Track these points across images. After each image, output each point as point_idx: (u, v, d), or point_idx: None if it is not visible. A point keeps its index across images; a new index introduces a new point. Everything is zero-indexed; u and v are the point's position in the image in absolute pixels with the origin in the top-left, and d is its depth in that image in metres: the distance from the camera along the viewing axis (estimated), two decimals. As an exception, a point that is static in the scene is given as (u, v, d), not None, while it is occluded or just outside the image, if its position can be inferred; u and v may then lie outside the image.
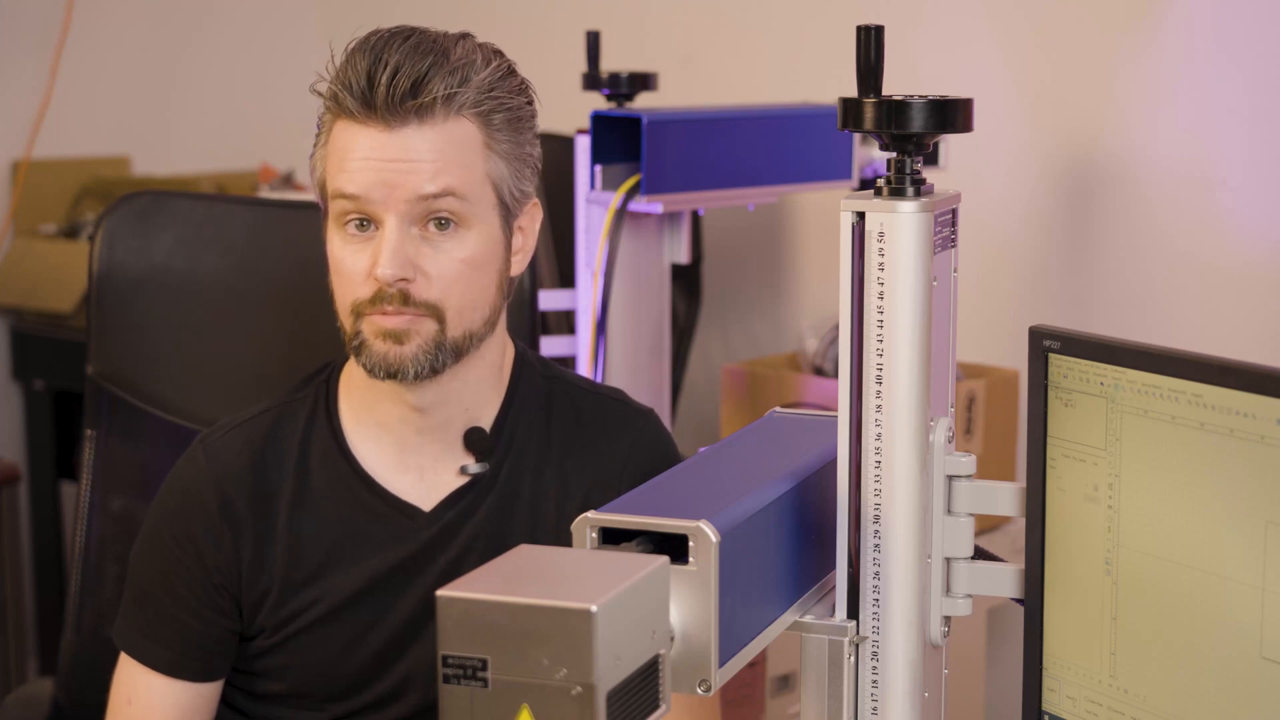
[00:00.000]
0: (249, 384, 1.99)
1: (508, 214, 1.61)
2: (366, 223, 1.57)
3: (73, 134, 3.78)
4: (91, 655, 1.96)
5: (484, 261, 1.59)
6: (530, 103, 1.63)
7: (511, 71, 1.62)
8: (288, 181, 3.75)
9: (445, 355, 1.58)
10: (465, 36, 1.60)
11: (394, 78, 1.53)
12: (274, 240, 2.04)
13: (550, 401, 1.72)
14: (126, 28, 3.88)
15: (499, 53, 1.61)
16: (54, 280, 3.53)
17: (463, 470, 1.66)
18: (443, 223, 1.56)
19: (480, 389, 1.66)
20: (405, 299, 1.55)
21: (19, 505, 3.59)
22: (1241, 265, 2.67)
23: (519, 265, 1.65)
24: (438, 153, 1.55)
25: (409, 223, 1.55)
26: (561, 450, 1.70)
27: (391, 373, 1.58)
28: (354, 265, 1.57)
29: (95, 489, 2.00)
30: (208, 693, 1.70)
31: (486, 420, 1.68)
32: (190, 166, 3.88)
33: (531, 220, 1.66)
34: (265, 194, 3.65)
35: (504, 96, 1.59)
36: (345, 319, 1.60)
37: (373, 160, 1.54)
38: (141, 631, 1.69)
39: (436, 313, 1.57)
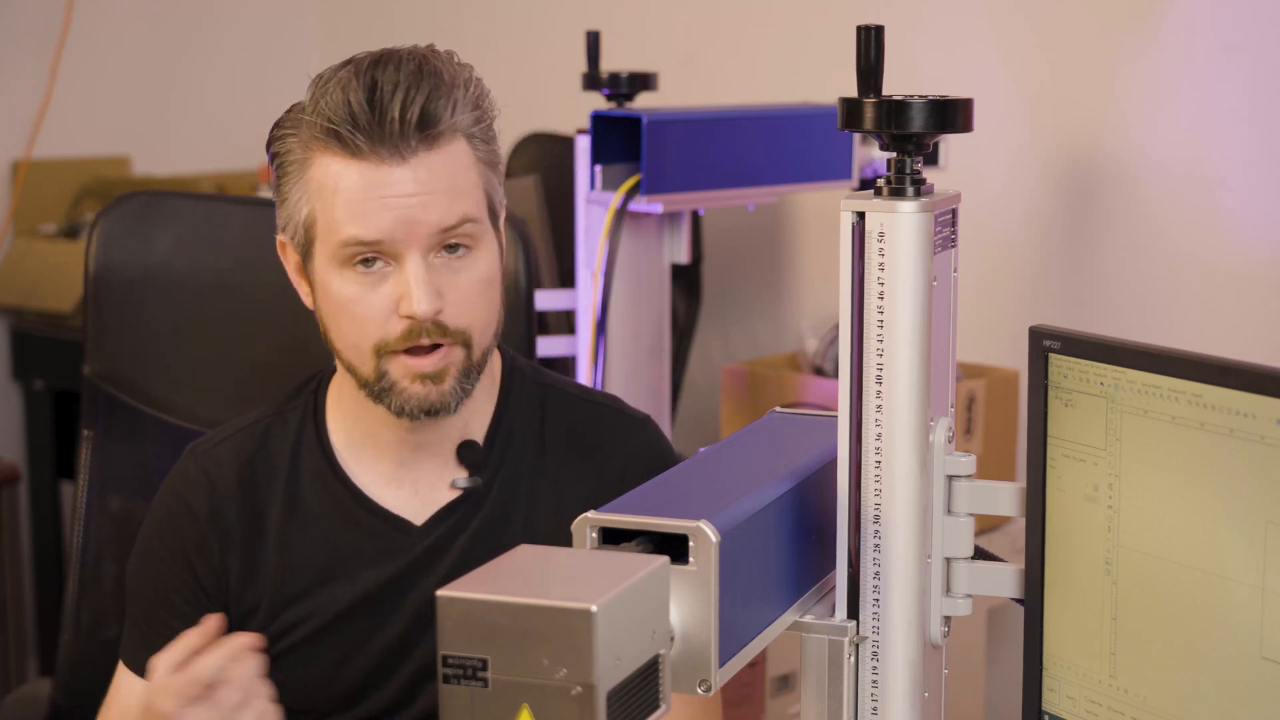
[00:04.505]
0: (247, 384, 1.98)
1: (496, 220, 1.60)
2: (372, 259, 1.52)
3: (73, 134, 3.78)
4: (90, 656, 1.96)
5: (494, 276, 1.57)
6: (492, 104, 1.59)
7: (478, 79, 1.58)
8: (287, 181, 3.74)
9: (473, 379, 1.57)
10: (435, 52, 1.56)
11: (404, 107, 1.48)
12: (273, 240, 2.04)
13: (544, 410, 1.69)
14: (126, 28, 3.88)
15: (464, 63, 1.57)
16: (54, 280, 3.53)
17: (454, 484, 1.64)
18: (453, 247, 1.53)
19: (475, 400, 1.63)
20: (442, 330, 1.53)
21: (19, 505, 3.59)
22: (1241, 265, 2.66)
23: (502, 261, 1.63)
24: (449, 179, 1.51)
25: (428, 252, 1.52)
26: (557, 461, 1.67)
27: (433, 413, 1.56)
28: (371, 305, 1.52)
29: (93, 489, 2.00)
30: None
31: (478, 431, 1.65)
32: (190, 166, 3.88)
33: (503, 213, 1.63)
34: (265, 194, 3.65)
35: (485, 108, 1.57)
36: (361, 361, 1.55)
37: (391, 199, 1.49)
38: (136, 640, 1.68)
39: (465, 338, 1.55)
